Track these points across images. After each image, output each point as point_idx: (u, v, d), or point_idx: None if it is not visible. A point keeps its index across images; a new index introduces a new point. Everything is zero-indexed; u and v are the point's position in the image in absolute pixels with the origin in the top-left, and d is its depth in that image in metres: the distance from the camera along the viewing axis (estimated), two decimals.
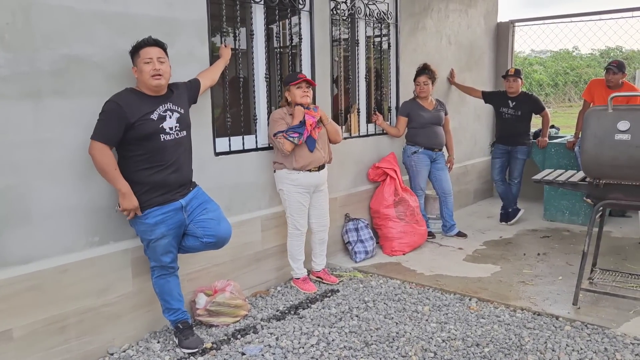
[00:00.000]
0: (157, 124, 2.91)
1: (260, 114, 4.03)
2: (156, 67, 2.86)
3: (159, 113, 2.94)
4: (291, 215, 3.96)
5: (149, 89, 2.92)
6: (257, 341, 3.20)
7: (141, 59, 2.86)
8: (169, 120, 2.97)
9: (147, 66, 2.86)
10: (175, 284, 3.15)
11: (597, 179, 3.41)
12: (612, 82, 5.19)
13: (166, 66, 2.93)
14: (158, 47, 2.91)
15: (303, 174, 3.88)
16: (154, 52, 2.88)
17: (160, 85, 2.92)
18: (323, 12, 4.39)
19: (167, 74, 2.96)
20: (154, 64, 2.86)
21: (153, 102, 2.93)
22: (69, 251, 2.91)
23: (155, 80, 2.88)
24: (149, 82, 2.88)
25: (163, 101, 2.98)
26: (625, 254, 4.65)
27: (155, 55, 2.88)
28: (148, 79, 2.87)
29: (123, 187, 2.85)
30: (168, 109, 2.98)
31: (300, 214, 3.96)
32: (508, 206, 5.82)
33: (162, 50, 2.94)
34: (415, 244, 4.88)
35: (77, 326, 2.94)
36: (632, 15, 6.09)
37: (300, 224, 3.98)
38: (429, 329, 3.31)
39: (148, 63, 2.86)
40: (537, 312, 3.51)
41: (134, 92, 2.93)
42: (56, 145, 2.82)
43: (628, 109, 3.31)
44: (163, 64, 2.91)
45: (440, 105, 5.20)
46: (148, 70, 2.86)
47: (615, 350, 2.98)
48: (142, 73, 2.88)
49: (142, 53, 2.87)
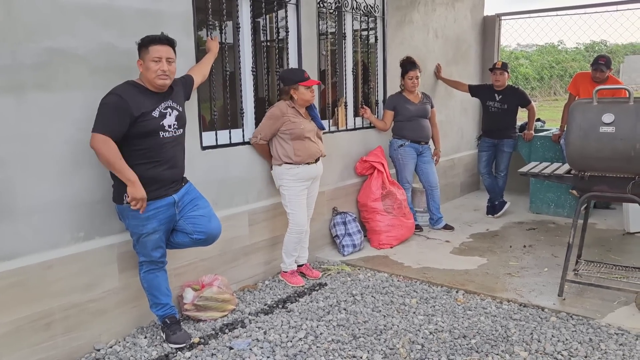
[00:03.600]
0: (158, 122, 2.89)
1: (247, 108, 4.01)
2: (164, 68, 2.83)
3: (160, 110, 2.91)
4: (293, 212, 3.95)
5: (152, 86, 2.89)
6: (245, 335, 3.20)
7: (150, 56, 2.82)
8: (168, 117, 2.94)
9: (155, 65, 2.82)
10: (163, 278, 3.13)
11: (582, 171, 3.44)
12: (599, 79, 5.22)
13: (174, 67, 2.91)
14: (169, 46, 2.88)
15: (303, 167, 3.90)
16: (164, 51, 2.85)
17: (165, 86, 2.90)
18: (310, 5, 4.37)
19: (173, 75, 2.94)
20: (163, 64, 2.83)
21: (155, 98, 2.90)
22: (54, 247, 2.87)
23: (160, 80, 2.85)
24: (154, 81, 2.85)
25: (164, 98, 2.95)
26: (609, 246, 4.71)
27: (165, 55, 2.84)
28: (154, 77, 2.84)
29: (132, 176, 2.78)
30: (169, 106, 2.96)
31: (302, 209, 3.97)
32: (494, 199, 5.86)
33: (172, 50, 2.90)
34: (402, 237, 4.90)
35: (62, 322, 2.91)
36: (617, 9, 6.14)
37: (302, 221, 3.97)
38: (417, 321, 3.33)
39: (156, 62, 2.82)
40: (523, 304, 3.54)
41: (136, 86, 2.88)
42: (40, 140, 2.77)
43: (612, 102, 3.34)
44: (171, 64, 2.88)
45: (426, 98, 5.22)
46: (155, 70, 2.82)
47: (599, 341, 3.02)
48: (148, 70, 2.84)
49: (152, 50, 2.82)
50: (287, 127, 3.84)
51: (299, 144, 3.87)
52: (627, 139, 3.17)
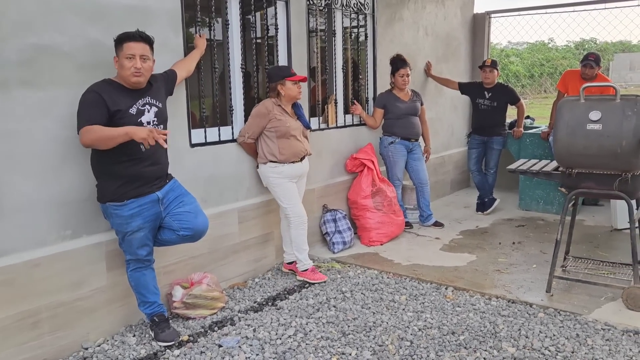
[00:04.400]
0: (136, 118, 2.87)
1: (236, 105, 4.00)
2: (137, 66, 2.80)
3: (138, 107, 2.89)
4: (289, 206, 3.93)
5: (128, 83, 2.87)
6: (234, 333, 3.19)
7: (123, 53, 2.80)
8: (147, 114, 2.92)
9: (128, 62, 2.80)
10: (151, 277, 3.11)
11: (570, 168, 3.46)
12: (588, 76, 5.27)
13: (148, 64, 2.88)
14: (144, 43, 2.84)
15: (288, 165, 3.89)
16: (138, 48, 2.81)
17: (139, 83, 2.88)
18: (300, 2, 4.36)
19: (149, 72, 2.91)
20: (136, 61, 2.80)
21: (132, 95, 2.87)
22: (40, 245, 2.85)
23: (134, 77, 2.83)
24: (128, 78, 2.83)
25: (142, 95, 2.92)
26: (597, 242, 4.75)
27: (139, 52, 2.81)
28: (128, 75, 2.82)
29: (122, 130, 2.68)
30: (147, 102, 2.93)
31: (298, 200, 3.98)
32: (484, 196, 5.89)
33: (148, 46, 2.87)
34: (392, 234, 4.91)
35: (50, 321, 2.89)
36: (605, 6, 6.18)
37: (302, 211, 3.96)
38: (406, 318, 3.34)
39: (130, 59, 2.80)
40: (511, 300, 3.56)
41: (112, 83, 2.86)
42: (26, 137, 2.75)
43: (599, 99, 3.36)
44: (145, 61, 2.85)
45: (416, 96, 5.23)
46: (129, 67, 2.80)
47: (586, 336, 3.05)
48: (122, 68, 2.81)
49: (126, 47, 2.79)
50: (272, 124, 3.83)
51: (283, 142, 3.86)
52: (613, 136, 3.19)
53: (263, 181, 4.01)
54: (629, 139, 3.16)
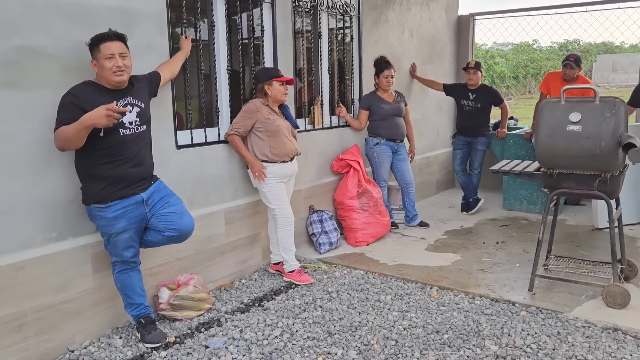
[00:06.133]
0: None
1: (222, 107, 4.01)
2: (118, 64, 2.80)
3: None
4: (277, 207, 3.96)
5: (110, 83, 2.87)
6: (221, 334, 3.21)
7: (102, 54, 2.79)
8: (128, 114, 2.92)
9: (108, 62, 2.79)
10: (137, 278, 3.11)
11: (551, 168, 3.53)
12: (569, 76, 5.37)
13: (128, 61, 2.88)
14: (119, 41, 2.84)
15: (278, 165, 3.92)
16: (116, 47, 2.81)
17: (122, 81, 2.88)
18: (285, 4, 4.38)
19: (129, 69, 2.91)
20: (116, 60, 2.80)
21: (112, 95, 2.86)
22: (25, 247, 2.84)
23: (117, 76, 2.83)
24: (110, 78, 2.83)
25: (123, 95, 2.92)
26: (579, 241, 4.84)
27: (117, 51, 2.81)
28: (110, 75, 2.81)
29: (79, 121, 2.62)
30: (128, 102, 2.93)
31: (286, 202, 4.01)
32: (469, 196, 5.95)
33: (124, 44, 2.87)
34: (378, 234, 4.95)
35: (35, 324, 2.88)
36: (586, 9, 6.29)
37: (288, 212, 3.99)
38: (391, 317, 3.38)
39: (109, 59, 2.79)
40: (494, 299, 3.62)
41: (93, 85, 2.86)
42: (10, 139, 2.74)
43: (579, 101, 3.43)
44: (125, 59, 2.85)
45: (400, 97, 5.28)
46: (110, 67, 2.79)
47: (567, 334, 3.11)
48: (103, 69, 2.81)
49: (103, 48, 2.79)
50: (261, 123, 3.86)
51: (274, 141, 3.89)
52: (593, 137, 3.26)
53: (253, 182, 4.03)
54: (607, 140, 3.23)
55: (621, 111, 3.24)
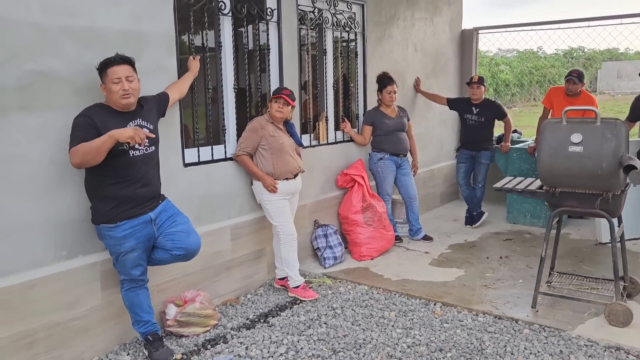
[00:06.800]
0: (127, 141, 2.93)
1: (229, 125, 4.07)
2: (125, 88, 2.87)
3: None
4: (280, 223, 4.02)
5: (119, 106, 2.94)
6: (227, 351, 3.25)
7: (109, 79, 2.87)
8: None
9: (115, 86, 2.87)
10: (144, 296, 3.17)
11: (553, 187, 3.57)
12: (572, 92, 5.42)
13: (135, 84, 2.95)
14: (126, 65, 2.91)
15: (282, 182, 3.98)
16: (122, 70, 2.88)
17: (129, 104, 2.95)
18: (291, 22, 4.45)
19: (137, 92, 2.98)
20: (123, 83, 2.87)
21: (122, 118, 2.94)
22: (36, 266, 2.90)
23: (124, 99, 2.90)
24: (118, 101, 2.90)
25: (132, 117, 2.99)
26: (582, 256, 4.86)
27: (124, 75, 2.88)
28: (118, 98, 2.89)
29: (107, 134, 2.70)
30: (138, 124, 3.00)
31: (289, 218, 4.07)
32: (473, 209, 5.99)
33: (131, 67, 2.94)
34: (383, 248, 5.00)
35: (45, 341, 2.94)
36: (589, 24, 6.33)
37: (291, 228, 4.06)
38: (395, 334, 3.41)
39: (116, 83, 2.87)
40: (498, 316, 3.65)
41: (103, 107, 2.93)
42: (22, 161, 2.81)
43: (581, 122, 3.47)
44: (132, 82, 2.92)
45: (403, 112, 5.34)
46: (117, 90, 2.87)
47: (569, 352, 3.14)
48: (110, 92, 2.89)
49: (110, 72, 2.86)
50: (266, 140, 3.93)
51: (277, 159, 3.95)
52: (594, 158, 3.30)
53: (257, 198, 4.09)
54: (608, 160, 3.27)
55: (622, 132, 3.28)
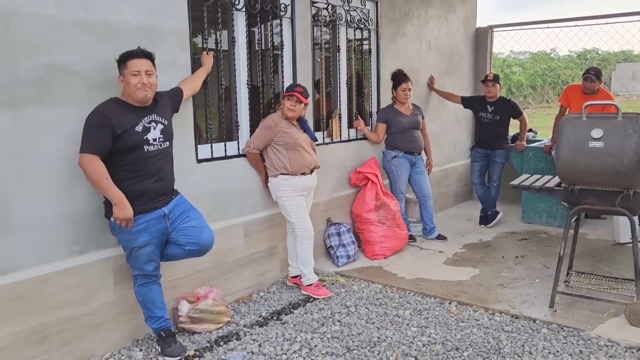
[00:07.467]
0: (142, 136, 2.92)
1: (242, 121, 4.05)
2: (144, 81, 2.87)
3: (144, 125, 2.94)
4: (297, 220, 3.99)
5: (135, 100, 2.92)
6: (239, 348, 3.22)
7: (128, 71, 2.86)
8: (153, 131, 2.97)
9: (134, 79, 2.86)
10: (157, 292, 3.15)
11: (572, 184, 3.49)
12: (589, 89, 5.32)
13: (153, 79, 2.94)
14: (146, 59, 2.91)
15: (299, 177, 3.95)
16: (143, 64, 2.87)
17: (147, 98, 2.93)
18: (304, 19, 4.42)
19: (154, 87, 2.97)
20: (142, 77, 2.86)
21: (138, 113, 2.93)
22: (49, 261, 2.89)
23: (141, 92, 2.89)
24: (135, 94, 2.89)
25: (148, 112, 2.98)
26: (600, 256, 4.77)
27: (144, 68, 2.87)
28: (135, 91, 2.87)
29: (115, 196, 2.81)
30: (153, 120, 2.99)
31: (306, 215, 4.04)
32: (487, 209, 5.91)
33: (151, 62, 2.93)
34: (396, 247, 4.94)
35: (58, 336, 2.93)
36: (607, 22, 6.24)
37: (308, 225, 4.02)
38: (410, 333, 3.36)
39: (135, 75, 2.86)
40: (515, 315, 3.58)
41: (119, 102, 2.92)
42: (36, 155, 2.80)
43: (601, 117, 3.40)
44: (151, 76, 2.91)
45: (417, 110, 5.29)
46: (135, 83, 2.86)
47: (589, 353, 3.06)
48: (128, 85, 2.87)
49: (130, 65, 2.86)
50: (280, 137, 3.90)
51: (293, 154, 3.93)
52: (615, 154, 3.22)
53: (273, 195, 4.06)
54: (630, 156, 3.20)
55: None
